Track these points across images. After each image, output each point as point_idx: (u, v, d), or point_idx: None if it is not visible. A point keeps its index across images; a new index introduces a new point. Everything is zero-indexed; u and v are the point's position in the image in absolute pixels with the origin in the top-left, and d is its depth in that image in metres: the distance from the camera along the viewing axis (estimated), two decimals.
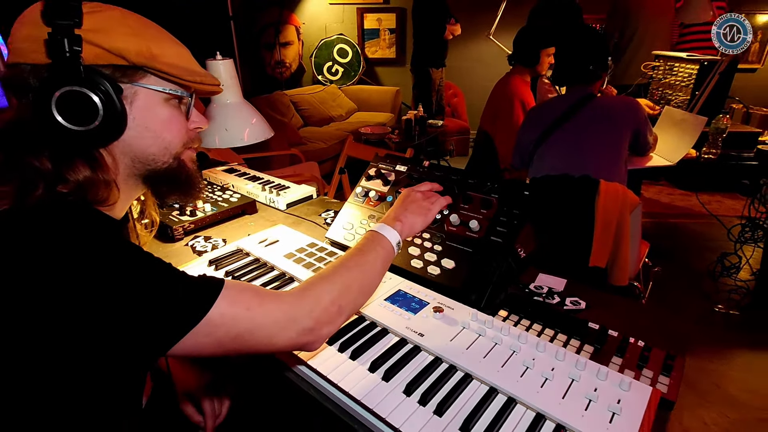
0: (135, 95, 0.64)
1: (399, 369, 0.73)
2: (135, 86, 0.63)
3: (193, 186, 0.76)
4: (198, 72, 0.69)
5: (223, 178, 1.68)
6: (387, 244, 0.79)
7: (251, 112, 1.13)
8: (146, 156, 0.67)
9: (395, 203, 0.91)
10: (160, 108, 0.66)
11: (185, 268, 1.04)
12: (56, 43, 0.56)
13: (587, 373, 0.70)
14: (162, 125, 0.67)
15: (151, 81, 0.64)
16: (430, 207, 0.89)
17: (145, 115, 0.65)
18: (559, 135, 1.85)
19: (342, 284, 0.70)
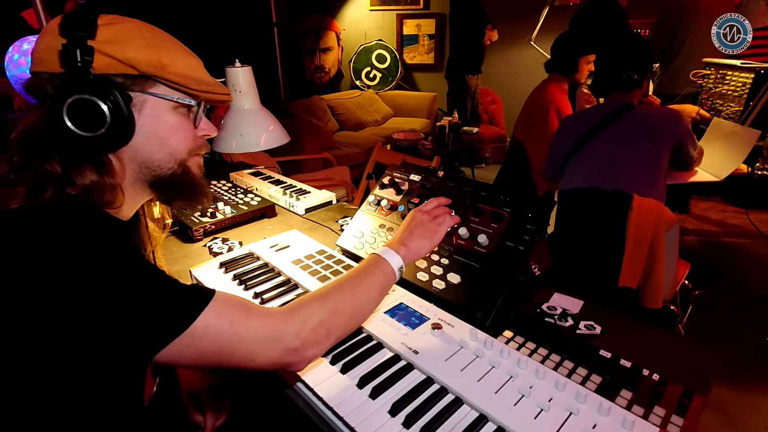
0: (144, 103, 0.66)
1: (388, 386, 0.71)
2: (144, 95, 0.66)
3: (197, 192, 0.77)
4: (207, 82, 0.71)
5: (248, 181, 1.72)
6: (388, 268, 0.78)
7: (268, 118, 1.15)
8: (152, 162, 0.69)
9: (401, 225, 0.89)
10: (167, 116, 0.69)
11: (198, 269, 1.07)
12: (69, 53, 0.59)
13: (587, 407, 0.65)
14: (169, 132, 0.69)
15: (160, 90, 0.67)
16: (437, 229, 0.87)
17: (153, 122, 0.67)
18: (593, 146, 1.77)
19: (333, 307, 0.69)
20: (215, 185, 1.63)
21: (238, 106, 1.10)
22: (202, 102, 0.72)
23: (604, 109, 1.80)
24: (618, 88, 1.77)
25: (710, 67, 2.39)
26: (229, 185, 1.64)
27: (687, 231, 3.28)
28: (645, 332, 0.92)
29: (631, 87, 1.75)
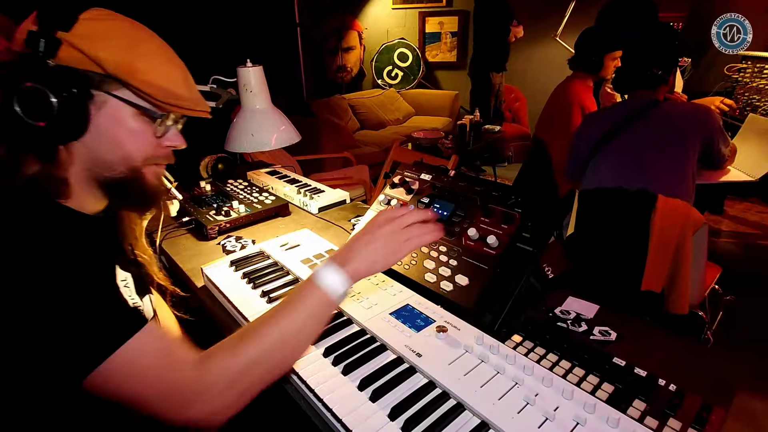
0: (105, 103, 0.64)
1: (389, 390, 0.70)
2: (107, 95, 0.64)
3: (146, 201, 0.75)
4: (179, 96, 0.68)
5: (265, 180, 1.74)
6: (321, 295, 0.68)
7: (279, 118, 1.16)
8: (103, 162, 0.67)
9: (362, 228, 0.77)
10: (128, 120, 0.66)
11: (209, 267, 1.08)
12: (33, 40, 0.59)
13: (595, 418, 0.62)
14: (125, 136, 0.67)
15: (125, 94, 0.65)
16: (400, 247, 0.73)
17: (110, 123, 0.65)
18: (616, 144, 1.70)
19: (250, 357, 0.64)
20: (232, 184, 1.66)
21: (249, 106, 1.11)
22: (168, 114, 0.70)
23: (628, 106, 1.73)
24: (642, 85, 1.70)
25: (747, 61, 2.27)
26: (245, 184, 1.66)
27: (720, 233, 3.13)
28: (664, 339, 0.88)
29: (655, 83, 1.68)
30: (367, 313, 0.87)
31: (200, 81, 1.16)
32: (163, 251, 1.29)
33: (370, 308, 0.88)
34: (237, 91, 1.13)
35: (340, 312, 0.89)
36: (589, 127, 1.84)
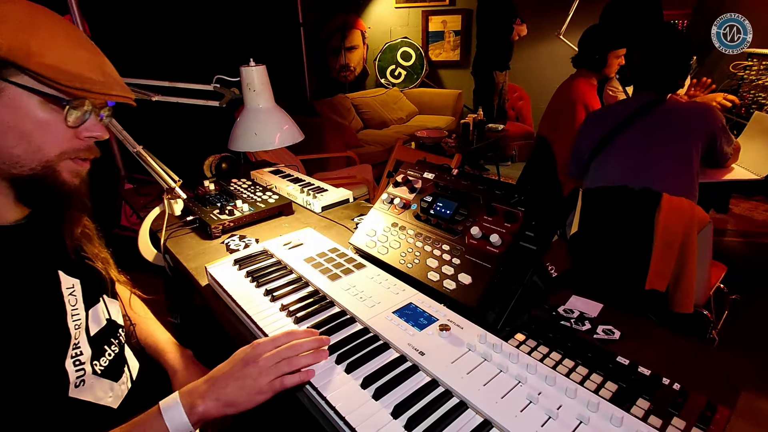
0: (2, 92, 0.58)
1: (392, 388, 0.70)
2: (3, 82, 0.58)
3: (63, 200, 0.67)
4: (88, 78, 0.62)
5: (268, 179, 1.75)
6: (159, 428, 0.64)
7: (283, 117, 1.16)
8: (10, 157, 0.61)
9: (229, 360, 0.71)
10: (32, 109, 0.61)
11: (213, 266, 1.09)
12: None
13: (598, 417, 0.62)
14: (33, 127, 0.61)
15: (24, 80, 0.59)
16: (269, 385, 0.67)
17: (13, 114, 0.59)
18: (620, 142, 1.69)
19: None
20: (236, 183, 1.66)
21: (253, 106, 1.11)
22: (82, 101, 0.64)
23: (632, 103, 1.72)
24: (656, 87, 1.68)
25: (753, 58, 2.25)
26: (248, 183, 1.67)
27: (726, 232, 3.11)
28: (668, 339, 0.87)
29: (670, 88, 1.67)
30: (370, 311, 0.87)
31: (204, 80, 1.17)
32: (167, 250, 1.29)
33: (373, 307, 0.88)
34: (240, 90, 1.13)
35: (343, 311, 0.89)
36: (593, 125, 1.83)
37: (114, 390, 0.75)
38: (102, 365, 0.74)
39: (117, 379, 0.76)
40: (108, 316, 0.79)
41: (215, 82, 1.14)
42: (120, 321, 0.83)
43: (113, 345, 0.78)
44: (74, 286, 0.72)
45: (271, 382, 0.68)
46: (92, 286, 0.76)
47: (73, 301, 0.71)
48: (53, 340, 0.66)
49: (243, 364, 0.70)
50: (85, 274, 0.75)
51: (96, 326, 0.75)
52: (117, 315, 0.82)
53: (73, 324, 0.69)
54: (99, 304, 0.77)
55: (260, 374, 0.68)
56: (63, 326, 0.68)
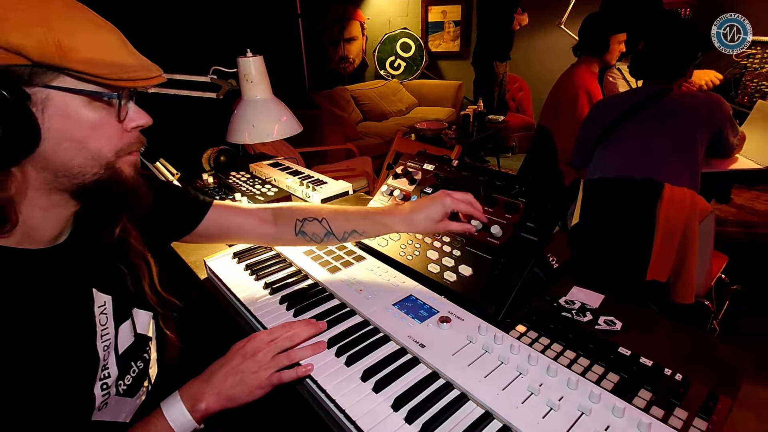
0: (47, 100, 0.52)
1: (392, 380, 0.69)
2: (45, 89, 0.52)
3: (130, 198, 0.64)
4: (127, 65, 0.56)
5: (267, 171, 1.74)
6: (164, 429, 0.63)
7: (281, 108, 1.14)
8: (70, 169, 0.56)
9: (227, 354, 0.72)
10: (82, 112, 0.55)
11: (212, 260, 1.08)
12: None
13: (600, 407, 0.62)
14: (87, 132, 0.56)
15: (66, 82, 0.53)
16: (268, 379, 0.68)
17: (64, 122, 0.54)
18: (624, 132, 1.68)
19: None
20: (234, 176, 1.65)
21: (250, 97, 1.10)
22: (124, 91, 0.58)
23: (639, 93, 1.70)
24: (665, 76, 1.66)
25: (757, 46, 2.23)
26: (248, 176, 1.66)
27: (727, 222, 3.10)
28: (669, 329, 0.87)
29: (677, 76, 1.65)
30: (369, 303, 0.86)
31: (200, 72, 1.15)
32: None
33: (372, 299, 0.88)
34: (237, 81, 1.12)
35: (343, 303, 0.89)
36: (598, 114, 1.81)
37: (130, 406, 0.73)
38: (126, 384, 0.71)
39: (134, 395, 0.74)
40: (136, 330, 0.75)
41: (212, 74, 1.12)
42: (150, 332, 0.78)
43: (139, 361, 0.75)
44: (106, 303, 0.68)
45: (269, 377, 0.69)
46: (123, 301, 0.72)
47: (104, 320, 0.67)
48: (83, 365, 0.63)
49: (241, 358, 0.70)
50: (117, 287, 0.71)
51: (125, 343, 0.71)
52: (146, 327, 0.77)
53: (103, 345, 0.66)
54: (129, 319, 0.73)
55: (259, 368, 0.69)
56: (92, 350, 0.64)
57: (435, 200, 0.86)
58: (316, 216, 0.91)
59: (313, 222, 0.91)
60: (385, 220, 0.88)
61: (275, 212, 0.95)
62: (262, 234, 0.94)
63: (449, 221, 0.88)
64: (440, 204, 0.85)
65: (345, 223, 0.90)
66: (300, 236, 0.92)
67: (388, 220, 0.88)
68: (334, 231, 0.91)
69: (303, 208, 0.94)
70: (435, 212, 0.86)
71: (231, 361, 0.70)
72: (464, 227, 0.89)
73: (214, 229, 0.92)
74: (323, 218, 0.91)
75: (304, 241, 0.93)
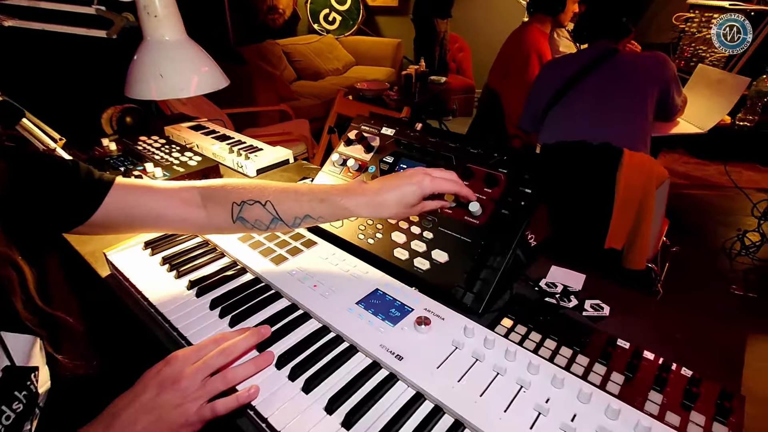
0: None
1: (366, 409, 0.54)
2: None
3: None
4: None
5: (187, 136, 1.45)
6: None
7: (199, 54, 0.89)
8: None
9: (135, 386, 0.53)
10: None
11: (115, 252, 0.84)
12: None
13: (621, 425, 0.51)
14: None
15: None
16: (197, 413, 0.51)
17: None
18: (575, 94, 1.62)
19: None
20: (144, 142, 1.35)
21: (155, 37, 0.83)
22: None
23: (588, 54, 1.64)
24: (607, 34, 1.61)
25: (695, 10, 2.25)
26: (162, 142, 1.37)
27: None
28: (654, 311, 0.80)
29: (622, 34, 1.60)
30: (327, 303, 0.69)
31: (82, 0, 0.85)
32: None
33: (330, 297, 0.71)
34: (136, 16, 0.84)
35: (294, 304, 0.71)
36: (547, 77, 1.74)
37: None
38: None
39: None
40: (7, 362, 0.54)
41: (97, 3, 0.83)
42: (35, 360, 0.58)
43: (16, 401, 0.54)
44: None
45: (199, 409, 0.51)
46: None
47: None
48: None
49: (157, 388, 0.51)
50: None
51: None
52: (26, 356, 0.57)
53: None
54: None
55: (184, 399, 0.51)
56: None
57: (409, 181, 0.68)
58: (258, 198, 0.70)
59: (255, 205, 0.70)
60: (346, 203, 0.69)
61: (204, 192, 0.72)
62: (187, 221, 0.72)
63: (425, 202, 0.72)
64: (417, 186, 0.68)
65: (296, 206, 0.70)
66: (239, 223, 0.71)
67: (350, 204, 0.69)
68: (282, 216, 0.71)
69: (240, 187, 0.72)
70: (410, 195, 0.68)
71: (142, 394, 0.51)
72: (440, 203, 0.74)
73: (119, 216, 0.68)
74: (267, 200, 0.70)
75: (244, 228, 0.72)
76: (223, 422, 0.55)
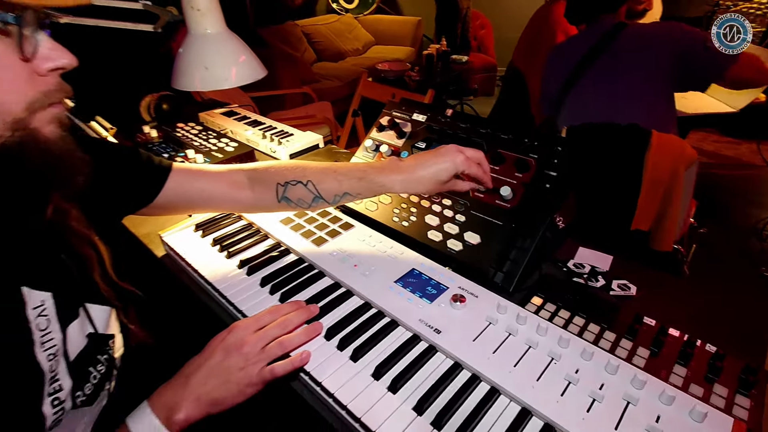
0: None
1: (409, 376, 0.60)
2: None
3: (61, 168, 0.49)
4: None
5: (221, 122, 1.51)
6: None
7: (238, 46, 0.93)
8: None
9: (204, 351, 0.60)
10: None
11: (170, 234, 0.91)
12: None
13: (646, 394, 0.55)
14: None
15: None
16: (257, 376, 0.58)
17: None
18: (589, 76, 1.59)
19: None
20: (182, 128, 1.42)
21: (199, 30, 0.87)
22: (26, 12, 0.42)
23: (594, 32, 1.59)
24: (601, 8, 1.56)
25: None
26: (199, 128, 1.43)
27: None
28: (683, 290, 0.83)
29: (614, 4, 1.55)
30: (368, 282, 0.75)
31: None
32: None
33: (370, 276, 0.76)
34: (180, 10, 0.89)
35: (337, 282, 0.77)
36: (558, 59, 1.72)
37: (88, 416, 0.60)
38: (85, 393, 0.57)
39: (93, 402, 0.60)
40: (90, 329, 0.61)
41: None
42: (111, 329, 0.65)
43: (99, 364, 0.61)
44: (44, 303, 0.53)
45: (260, 372, 0.58)
46: (69, 297, 0.57)
47: (44, 323, 0.53)
48: (22, 383, 0.49)
49: (224, 353, 0.58)
50: (58, 282, 0.56)
51: (76, 348, 0.57)
52: (105, 324, 0.64)
53: (46, 354, 0.52)
54: (78, 318, 0.58)
55: (247, 363, 0.58)
56: (32, 362, 0.50)
57: (444, 157, 0.72)
58: (300, 178, 0.76)
59: (298, 186, 0.76)
60: (382, 179, 0.73)
61: (251, 175, 0.78)
62: (236, 201, 0.78)
63: (456, 180, 0.76)
64: (451, 163, 0.72)
65: (335, 184, 0.75)
66: (283, 202, 0.77)
67: (386, 180, 0.73)
68: (323, 195, 0.76)
69: (284, 168, 0.78)
70: (444, 172, 0.72)
71: (211, 358, 0.58)
72: (472, 185, 0.78)
73: (177, 198, 0.75)
74: (309, 180, 0.76)
75: (288, 207, 0.78)
76: (280, 385, 0.62)
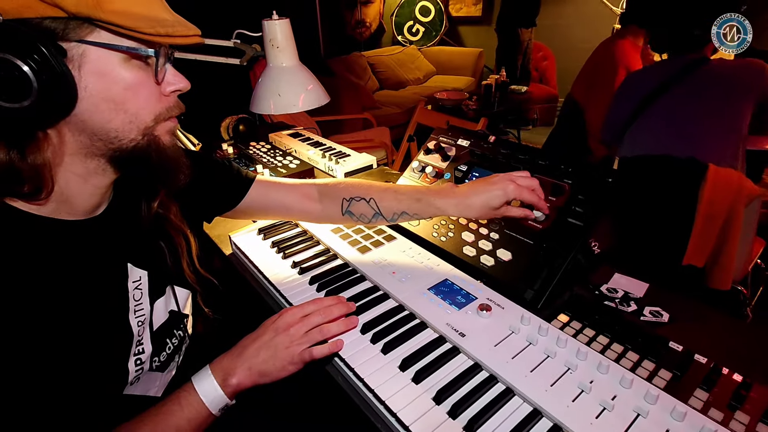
0: (83, 57, 0.50)
1: (432, 371, 0.66)
2: (82, 45, 0.49)
3: (170, 168, 0.62)
4: (164, 20, 0.52)
5: (287, 142, 1.68)
6: (197, 405, 0.62)
7: (307, 76, 1.08)
8: (107, 133, 0.54)
9: (258, 329, 0.70)
10: (118, 70, 0.52)
11: (237, 235, 1.05)
12: None
13: (657, 409, 0.58)
14: (124, 93, 0.53)
15: (102, 36, 0.50)
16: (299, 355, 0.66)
17: (101, 81, 0.51)
18: (660, 107, 1.58)
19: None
20: (254, 147, 1.60)
21: (276, 63, 1.03)
22: (161, 48, 0.54)
23: (674, 64, 1.59)
24: (683, 48, 1.55)
25: None
26: (268, 147, 1.60)
27: None
28: (721, 323, 0.82)
29: (699, 45, 1.53)
30: (403, 287, 0.83)
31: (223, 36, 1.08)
32: None
33: (406, 282, 0.84)
34: (262, 46, 1.05)
35: (376, 285, 0.85)
36: (629, 89, 1.72)
37: (161, 380, 0.73)
38: (160, 360, 0.71)
39: (165, 370, 0.73)
40: (175, 307, 0.75)
41: (235, 37, 1.05)
42: (187, 310, 0.79)
43: (174, 337, 0.74)
44: (141, 278, 0.67)
45: (302, 352, 0.67)
46: (160, 277, 0.71)
47: (138, 295, 0.66)
48: (116, 340, 0.63)
49: (273, 332, 0.68)
50: (154, 263, 0.70)
51: (159, 320, 0.71)
52: (184, 305, 0.77)
53: (137, 321, 0.66)
54: (164, 295, 0.72)
55: (291, 343, 0.67)
56: (125, 325, 0.64)
57: (496, 186, 0.79)
58: (363, 195, 0.87)
59: (361, 202, 0.87)
60: (438, 203, 0.82)
61: (321, 189, 0.91)
62: (306, 211, 0.91)
63: (508, 207, 0.82)
64: (502, 192, 0.78)
65: (395, 203, 0.85)
66: (347, 216, 0.89)
67: (442, 204, 0.82)
68: (383, 212, 0.86)
69: (350, 185, 0.90)
70: (495, 199, 0.79)
71: (263, 335, 0.68)
72: (524, 212, 0.82)
73: (256, 205, 0.90)
74: (371, 198, 0.86)
75: (351, 220, 0.90)
76: (317, 367, 0.71)
